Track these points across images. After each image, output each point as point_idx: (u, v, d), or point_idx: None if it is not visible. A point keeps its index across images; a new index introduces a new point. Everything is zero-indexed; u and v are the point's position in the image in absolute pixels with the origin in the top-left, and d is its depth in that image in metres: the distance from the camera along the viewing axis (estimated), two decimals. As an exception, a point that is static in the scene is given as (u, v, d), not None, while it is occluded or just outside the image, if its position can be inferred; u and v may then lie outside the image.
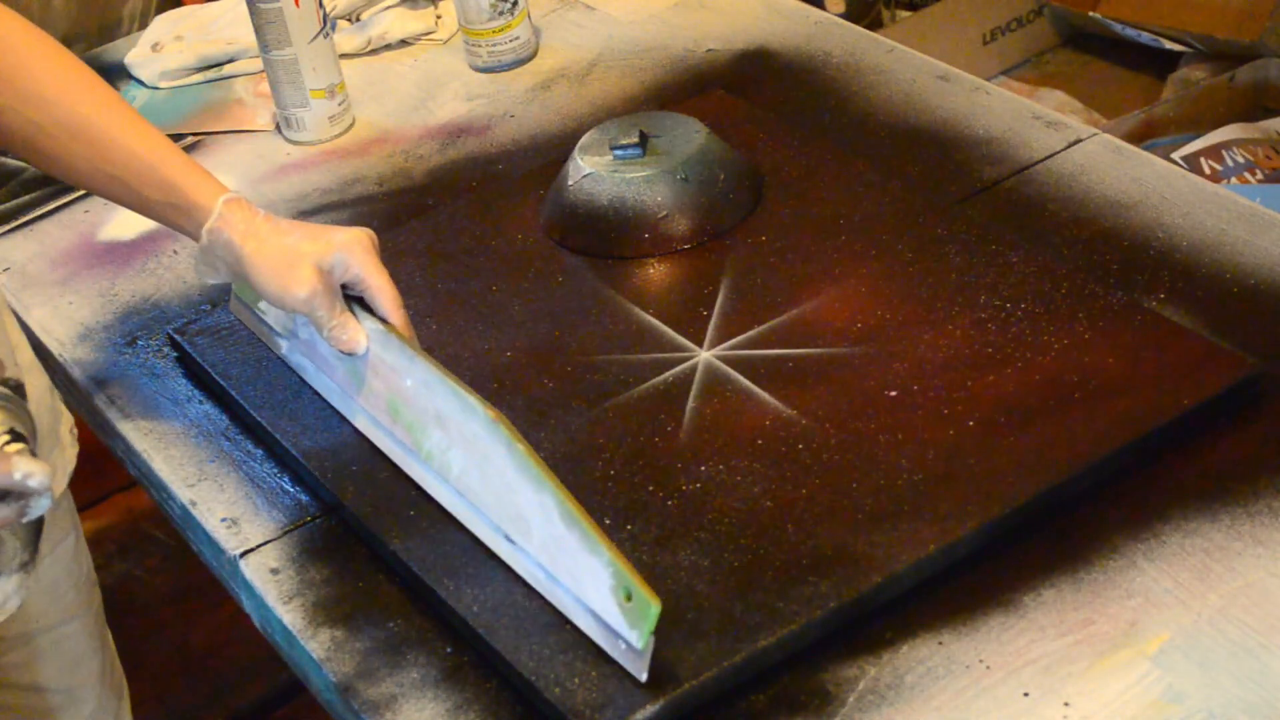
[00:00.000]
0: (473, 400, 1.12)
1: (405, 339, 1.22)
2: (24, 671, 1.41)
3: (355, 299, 1.25)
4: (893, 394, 1.21)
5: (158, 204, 1.26)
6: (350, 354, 1.25)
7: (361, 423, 1.26)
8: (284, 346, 1.34)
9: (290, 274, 1.23)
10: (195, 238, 1.25)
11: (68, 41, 2.04)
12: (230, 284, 1.37)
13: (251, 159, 1.71)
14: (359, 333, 1.24)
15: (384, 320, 1.23)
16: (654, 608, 1.00)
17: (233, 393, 1.33)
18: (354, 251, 1.23)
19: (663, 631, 1.04)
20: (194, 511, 1.27)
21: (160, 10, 2.06)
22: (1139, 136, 2.53)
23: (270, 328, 1.35)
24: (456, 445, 1.15)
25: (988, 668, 1.03)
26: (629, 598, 1.01)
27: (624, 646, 1.03)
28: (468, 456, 1.14)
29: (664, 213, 1.41)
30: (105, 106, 1.26)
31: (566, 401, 1.26)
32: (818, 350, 1.27)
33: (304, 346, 1.32)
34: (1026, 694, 1.01)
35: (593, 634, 1.05)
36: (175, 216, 1.27)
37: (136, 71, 1.87)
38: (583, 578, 1.05)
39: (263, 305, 1.35)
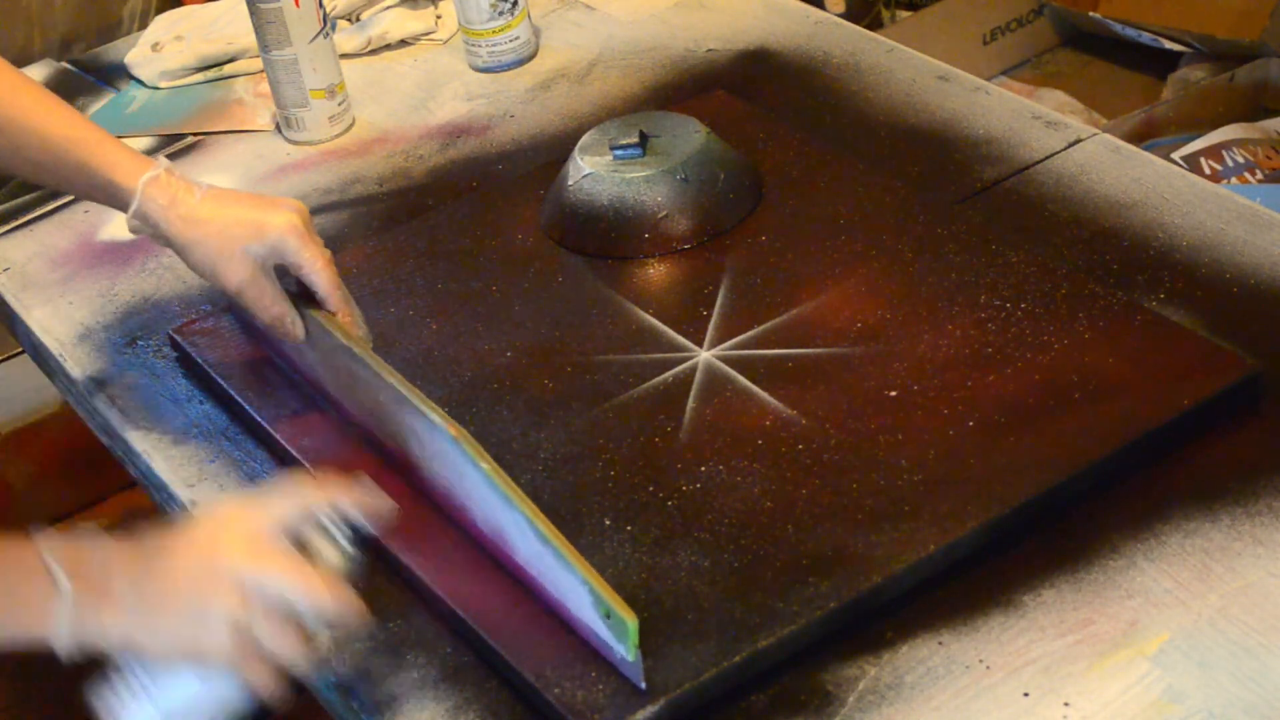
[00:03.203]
0: (435, 418, 1.12)
1: (345, 330, 1.22)
2: None
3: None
4: (893, 394, 1.21)
5: (82, 187, 1.25)
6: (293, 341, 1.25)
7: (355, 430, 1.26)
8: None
9: (222, 261, 1.22)
10: None
11: (68, 42, 2.04)
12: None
13: (251, 159, 1.71)
14: (296, 325, 1.25)
15: (324, 306, 1.24)
16: (631, 625, 1.00)
17: (233, 393, 1.33)
18: (287, 238, 1.22)
19: (662, 632, 1.04)
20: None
21: (160, 10, 2.06)
22: (1139, 136, 2.52)
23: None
24: (435, 459, 1.15)
25: (988, 668, 1.03)
26: (608, 614, 1.01)
27: (618, 657, 1.03)
28: (447, 469, 1.14)
29: (664, 213, 1.41)
30: (15, 91, 1.25)
31: (566, 401, 1.26)
32: (818, 350, 1.27)
33: (294, 352, 1.31)
34: (1026, 694, 1.01)
35: (590, 641, 1.05)
36: (102, 199, 1.26)
37: (136, 71, 1.87)
38: (567, 592, 1.05)
39: None
